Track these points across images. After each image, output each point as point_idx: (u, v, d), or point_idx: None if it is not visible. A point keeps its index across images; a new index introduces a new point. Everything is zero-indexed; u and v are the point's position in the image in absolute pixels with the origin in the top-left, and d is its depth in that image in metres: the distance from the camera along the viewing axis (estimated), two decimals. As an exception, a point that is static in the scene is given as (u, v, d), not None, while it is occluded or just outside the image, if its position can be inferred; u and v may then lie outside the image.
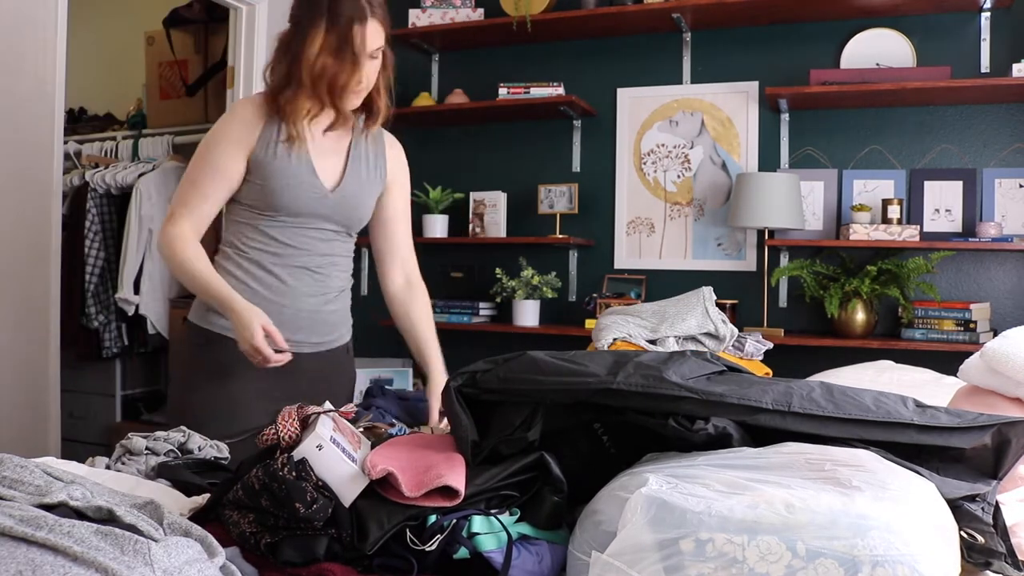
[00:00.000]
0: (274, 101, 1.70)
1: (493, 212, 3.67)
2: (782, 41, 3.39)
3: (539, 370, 1.06)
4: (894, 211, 3.08)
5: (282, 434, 1.00)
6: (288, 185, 1.70)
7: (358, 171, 1.80)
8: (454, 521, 0.92)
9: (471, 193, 3.72)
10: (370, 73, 1.66)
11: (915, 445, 0.98)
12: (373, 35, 1.61)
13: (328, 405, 1.07)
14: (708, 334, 1.78)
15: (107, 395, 3.84)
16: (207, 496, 1.10)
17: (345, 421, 1.08)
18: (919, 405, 1.02)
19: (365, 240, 1.97)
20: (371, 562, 0.92)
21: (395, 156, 1.91)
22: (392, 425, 1.81)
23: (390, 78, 1.75)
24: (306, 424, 1.02)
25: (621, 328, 1.77)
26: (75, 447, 3.51)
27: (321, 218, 1.76)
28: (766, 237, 3.26)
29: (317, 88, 1.65)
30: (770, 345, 1.83)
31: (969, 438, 0.98)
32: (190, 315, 1.84)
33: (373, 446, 1.08)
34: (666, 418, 0.99)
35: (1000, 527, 0.93)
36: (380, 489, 0.96)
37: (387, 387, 2.41)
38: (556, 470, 1.00)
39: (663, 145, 3.58)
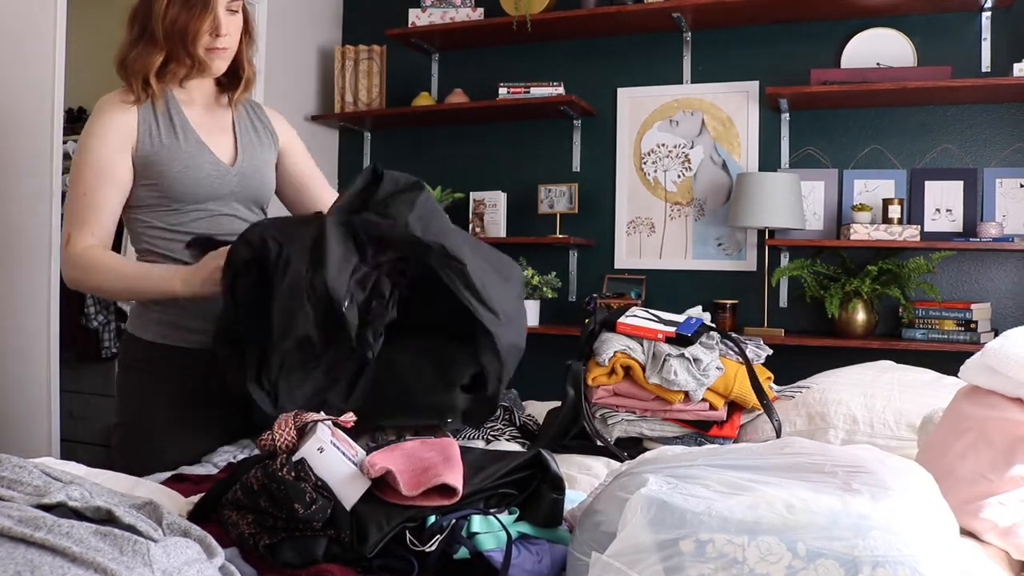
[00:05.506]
0: (122, 68, 1.58)
1: (493, 212, 3.67)
2: (782, 41, 3.38)
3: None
4: (894, 211, 3.08)
5: (279, 443, 1.00)
6: (187, 168, 1.58)
7: (251, 143, 1.70)
8: (453, 521, 0.92)
9: (471, 193, 3.72)
10: (230, 27, 1.57)
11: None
12: None
13: (323, 414, 1.06)
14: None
15: (107, 395, 3.83)
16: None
17: (340, 431, 1.07)
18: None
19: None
20: (371, 563, 0.92)
21: (277, 118, 1.82)
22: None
23: (254, 45, 1.68)
24: (303, 433, 1.02)
25: (620, 342, 1.78)
26: (75, 447, 3.51)
27: (227, 199, 1.65)
28: (766, 237, 3.26)
29: (172, 42, 1.54)
30: (770, 351, 1.86)
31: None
32: (129, 327, 1.68)
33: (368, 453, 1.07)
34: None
35: None
36: (378, 492, 0.96)
37: None
38: (554, 467, 1.00)
39: (663, 145, 3.57)
